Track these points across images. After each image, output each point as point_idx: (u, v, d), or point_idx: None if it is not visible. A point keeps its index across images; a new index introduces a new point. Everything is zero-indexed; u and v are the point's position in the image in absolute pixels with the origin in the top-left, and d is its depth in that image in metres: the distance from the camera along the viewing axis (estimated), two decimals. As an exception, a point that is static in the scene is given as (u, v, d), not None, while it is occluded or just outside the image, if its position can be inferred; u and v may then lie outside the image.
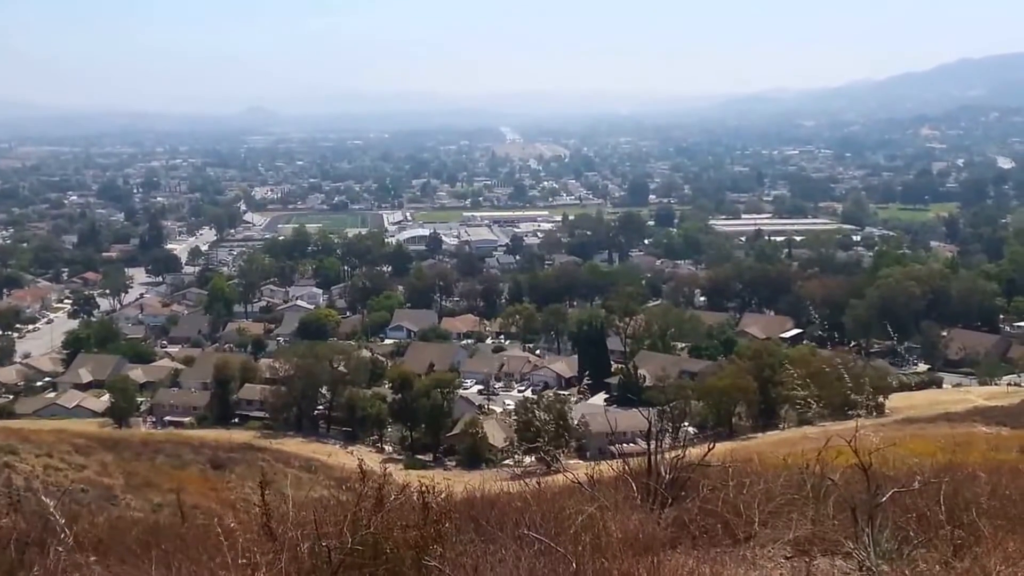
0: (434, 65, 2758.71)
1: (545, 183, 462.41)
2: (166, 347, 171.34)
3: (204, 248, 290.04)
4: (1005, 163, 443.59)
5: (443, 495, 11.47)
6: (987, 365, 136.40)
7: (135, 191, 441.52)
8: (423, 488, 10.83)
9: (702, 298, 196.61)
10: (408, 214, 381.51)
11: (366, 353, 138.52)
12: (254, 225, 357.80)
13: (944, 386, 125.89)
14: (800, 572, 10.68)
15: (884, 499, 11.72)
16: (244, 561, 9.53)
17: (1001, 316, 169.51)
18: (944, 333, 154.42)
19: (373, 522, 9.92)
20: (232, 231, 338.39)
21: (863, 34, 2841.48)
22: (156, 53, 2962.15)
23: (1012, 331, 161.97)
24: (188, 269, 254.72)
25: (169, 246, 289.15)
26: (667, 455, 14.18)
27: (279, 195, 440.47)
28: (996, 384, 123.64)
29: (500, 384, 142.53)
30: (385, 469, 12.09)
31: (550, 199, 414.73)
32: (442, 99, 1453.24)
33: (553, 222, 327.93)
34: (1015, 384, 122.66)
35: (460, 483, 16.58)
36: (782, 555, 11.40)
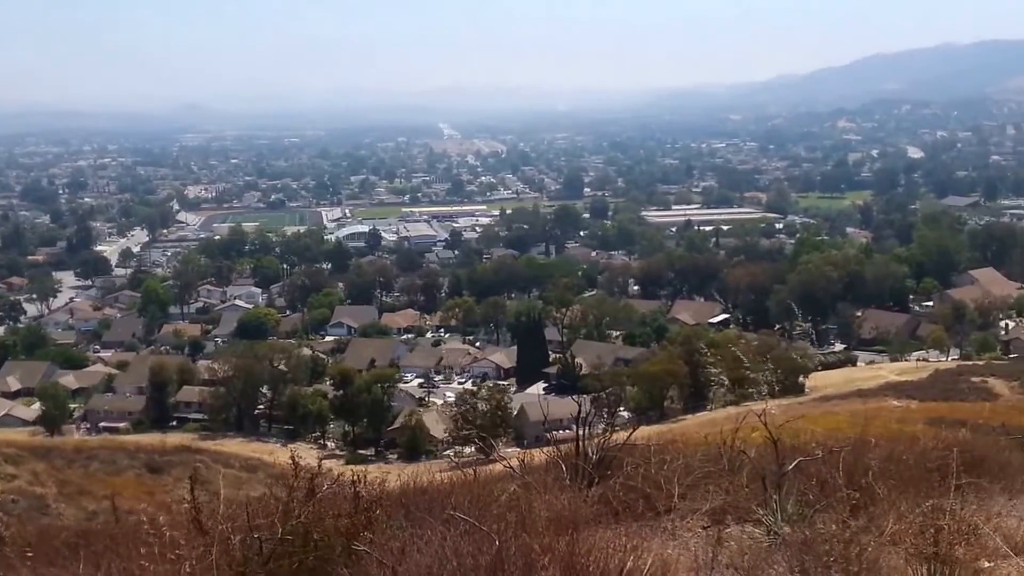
0: (372, 62, 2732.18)
1: (483, 178, 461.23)
2: (99, 352, 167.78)
3: (136, 249, 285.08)
4: (915, 153, 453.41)
5: (375, 485, 11.77)
6: (898, 343, 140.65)
7: (61, 192, 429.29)
8: (355, 478, 11.11)
9: (635, 287, 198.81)
10: (347, 211, 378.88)
11: (306, 351, 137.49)
12: (188, 225, 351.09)
13: (859, 364, 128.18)
14: (716, 540, 11.30)
15: (790, 468, 12.48)
16: (173, 556, 9.61)
17: (911, 296, 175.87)
18: (859, 314, 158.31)
19: (304, 512, 10.03)
20: (165, 231, 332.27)
21: (788, 30, 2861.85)
22: (85, 48, 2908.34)
23: (921, 310, 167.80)
24: (119, 271, 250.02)
25: (99, 248, 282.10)
26: (597, 438, 14.87)
27: (214, 194, 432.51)
28: (906, 360, 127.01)
29: (440, 377, 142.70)
30: (320, 462, 12.44)
31: (488, 194, 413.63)
32: (381, 95, 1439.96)
33: (491, 216, 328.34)
34: (924, 360, 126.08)
35: (397, 474, 17.01)
36: (699, 525, 11.82)
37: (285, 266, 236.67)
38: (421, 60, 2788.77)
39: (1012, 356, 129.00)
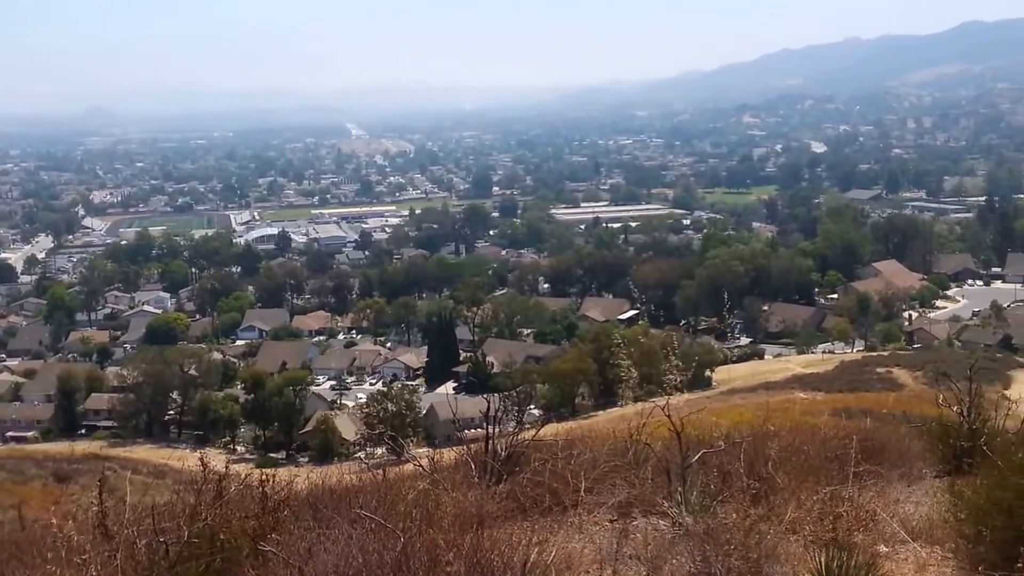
0: (279, 62, 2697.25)
1: (391, 178, 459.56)
2: (4, 360, 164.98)
3: (41, 256, 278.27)
4: (818, 147, 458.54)
5: (283, 486, 11.70)
6: (804, 336, 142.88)
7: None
8: (263, 479, 11.13)
9: (545, 285, 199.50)
10: (255, 214, 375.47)
11: (217, 355, 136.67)
12: (94, 230, 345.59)
13: (766, 357, 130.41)
14: (621, 533, 11.41)
15: (693, 461, 12.69)
16: (79, 561, 9.55)
17: (816, 290, 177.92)
18: (765, 308, 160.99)
19: (210, 515, 10.04)
20: (71, 237, 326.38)
21: (695, 26, 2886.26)
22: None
23: (826, 303, 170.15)
24: (25, 279, 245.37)
25: (3, 255, 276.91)
26: (508, 435, 14.95)
27: (119, 198, 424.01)
28: (812, 353, 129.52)
29: (352, 378, 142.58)
30: (228, 465, 12.40)
31: (397, 194, 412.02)
32: (288, 96, 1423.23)
33: (400, 217, 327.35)
34: (829, 352, 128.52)
35: (309, 476, 16.99)
36: (606, 518, 12.01)
37: (194, 270, 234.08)
38: (328, 60, 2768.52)
39: (916, 346, 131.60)
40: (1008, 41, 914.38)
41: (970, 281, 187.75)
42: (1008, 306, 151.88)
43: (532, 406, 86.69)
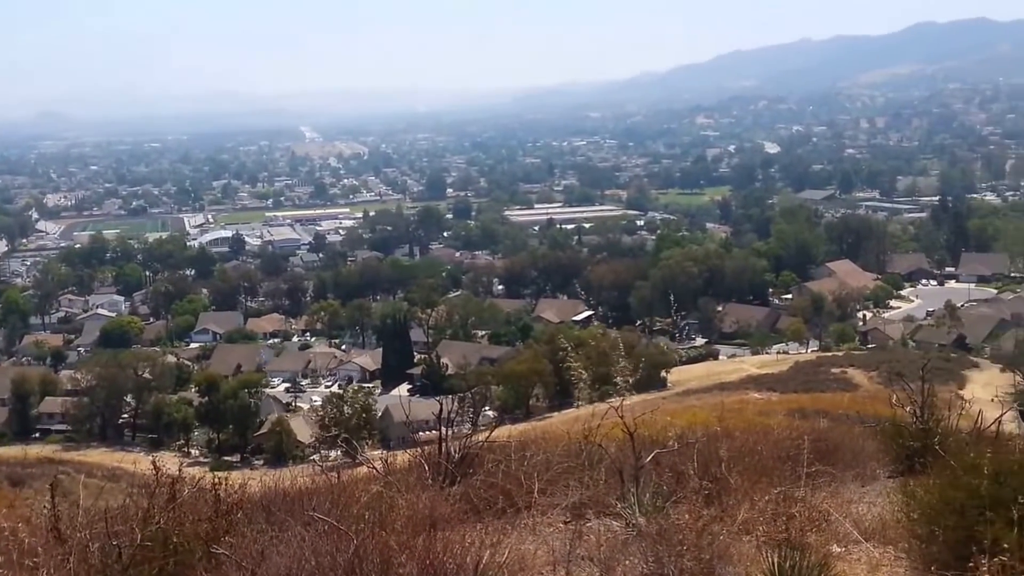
0: (234, 66, 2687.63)
1: (345, 181, 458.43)
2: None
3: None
4: (772, 148, 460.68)
5: (236, 489, 11.64)
6: (758, 336, 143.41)
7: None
8: (216, 482, 11.13)
9: (500, 287, 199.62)
10: (210, 216, 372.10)
11: (171, 358, 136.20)
12: (48, 234, 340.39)
13: (720, 358, 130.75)
14: (575, 534, 11.39)
15: (647, 461, 12.71)
16: (31, 564, 9.54)
17: (770, 290, 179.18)
18: (720, 308, 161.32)
19: (163, 518, 10.05)
20: (24, 241, 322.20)
21: (649, 28, 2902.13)
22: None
23: (780, 304, 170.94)
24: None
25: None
26: (461, 437, 14.93)
27: (73, 202, 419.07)
28: (767, 353, 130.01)
29: (307, 381, 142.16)
30: (181, 468, 12.34)
31: (351, 196, 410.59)
32: (242, 99, 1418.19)
33: (354, 219, 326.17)
34: (783, 352, 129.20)
35: (263, 479, 16.91)
36: (560, 519, 12.06)
37: (148, 273, 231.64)
38: (282, 64, 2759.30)
39: (870, 346, 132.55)
40: (960, 42, 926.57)
41: (924, 281, 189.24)
42: (962, 306, 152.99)
43: (487, 407, 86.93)
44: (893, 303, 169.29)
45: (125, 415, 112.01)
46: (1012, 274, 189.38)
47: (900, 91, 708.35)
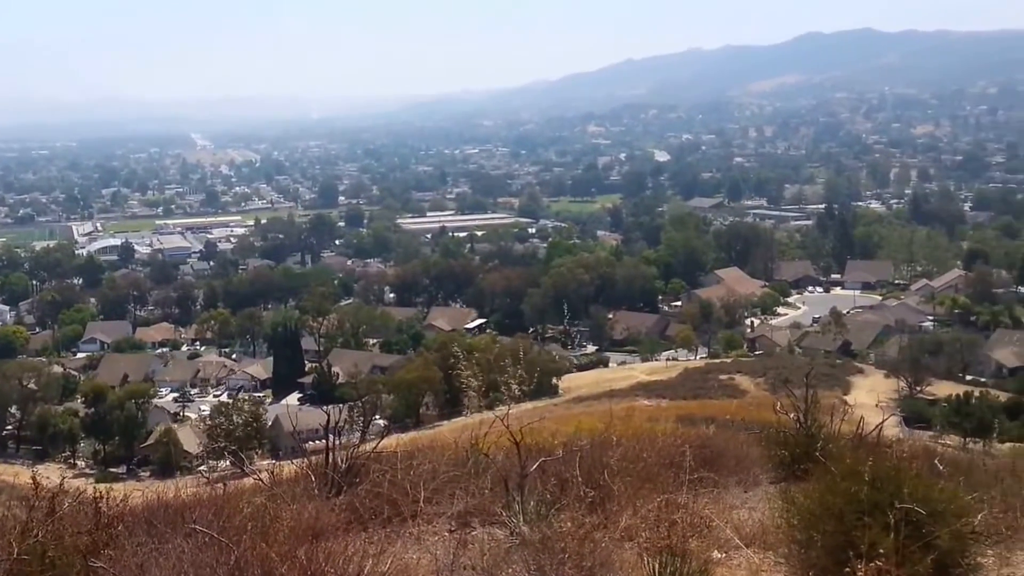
0: (124, 72, 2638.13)
1: (237, 189, 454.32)
2: None
3: None
4: (662, 156, 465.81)
5: (118, 501, 11.54)
6: (648, 343, 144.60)
7: None
8: (97, 495, 10.97)
9: (392, 295, 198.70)
10: (99, 225, 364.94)
11: (57, 368, 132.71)
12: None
13: (611, 365, 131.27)
14: (459, 543, 11.39)
15: (532, 469, 12.77)
16: None
17: (660, 297, 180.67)
18: (610, 315, 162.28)
19: (42, 531, 9.91)
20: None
21: (542, 36, 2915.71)
22: None
23: (669, 310, 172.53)
24: None
25: None
26: (349, 447, 14.87)
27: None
28: (656, 360, 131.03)
29: (196, 391, 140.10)
30: (63, 481, 12.13)
31: (242, 204, 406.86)
32: (132, 106, 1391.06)
33: (246, 227, 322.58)
34: (673, 359, 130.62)
35: (147, 491, 16.62)
36: (445, 528, 12.11)
37: (35, 282, 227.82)
38: (172, 70, 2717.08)
39: (757, 353, 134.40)
40: (846, 52, 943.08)
41: (810, 288, 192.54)
42: (847, 312, 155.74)
43: (377, 416, 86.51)
44: (780, 310, 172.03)
45: (9, 427, 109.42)
46: (896, 281, 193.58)
47: (788, 100, 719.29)
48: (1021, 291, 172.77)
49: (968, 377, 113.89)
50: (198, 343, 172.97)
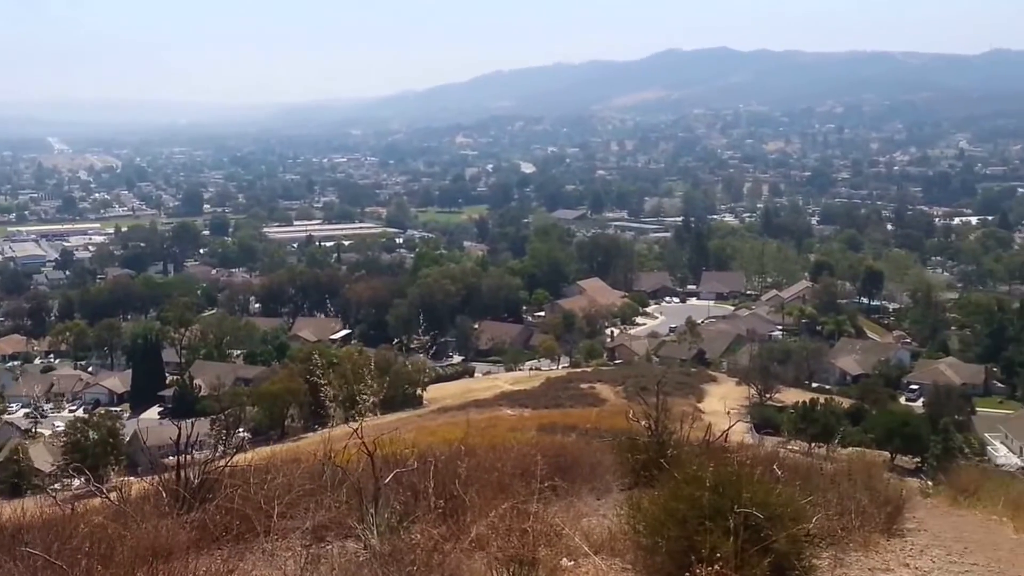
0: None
1: (97, 195, 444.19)
2: None
3: None
4: (528, 168, 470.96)
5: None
6: (512, 353, 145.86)
7: None
8: None
9: (257, 305, 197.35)
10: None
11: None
12: None
13: (476, 375, 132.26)
14: (312, 558, 11.27)
15: (386, 481, 12.71)
16: None
17: (524, 307, 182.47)
18: (476, 325, 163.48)
19: None
20: None
21: (411, 46, 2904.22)
22: None
23: (533, 321, 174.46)
24: None
25: None
26: (202, 462, 14.60)
27: None
28: (520, 370, 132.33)
29: (50, 405, 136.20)
30: None
31: (102, 211, 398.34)
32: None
33: (106, 235, 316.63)
34: (536, 369, 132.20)
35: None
36: (300, 543, 12.01)
37: None
38: (28, 70, 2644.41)
39: (617, 362, 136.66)
40: (703, 69, 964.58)
41: (668, 298, 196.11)
42: (702, 322, 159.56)
43: (241, 429, 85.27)
44: (639, 320, 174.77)
45: None
46: (748, 292, 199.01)
47: (648, 115, 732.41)
48: (863, 301, 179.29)
49: (814, 384, 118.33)
50: (52, 355, 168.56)
